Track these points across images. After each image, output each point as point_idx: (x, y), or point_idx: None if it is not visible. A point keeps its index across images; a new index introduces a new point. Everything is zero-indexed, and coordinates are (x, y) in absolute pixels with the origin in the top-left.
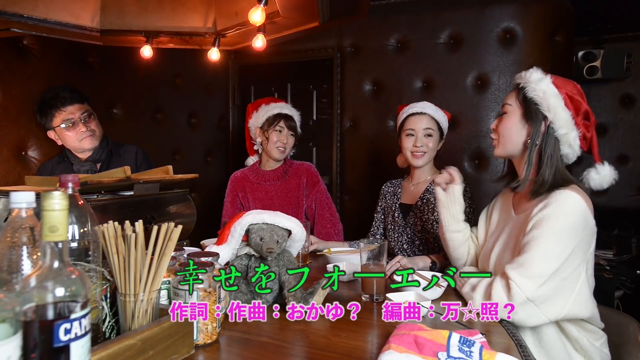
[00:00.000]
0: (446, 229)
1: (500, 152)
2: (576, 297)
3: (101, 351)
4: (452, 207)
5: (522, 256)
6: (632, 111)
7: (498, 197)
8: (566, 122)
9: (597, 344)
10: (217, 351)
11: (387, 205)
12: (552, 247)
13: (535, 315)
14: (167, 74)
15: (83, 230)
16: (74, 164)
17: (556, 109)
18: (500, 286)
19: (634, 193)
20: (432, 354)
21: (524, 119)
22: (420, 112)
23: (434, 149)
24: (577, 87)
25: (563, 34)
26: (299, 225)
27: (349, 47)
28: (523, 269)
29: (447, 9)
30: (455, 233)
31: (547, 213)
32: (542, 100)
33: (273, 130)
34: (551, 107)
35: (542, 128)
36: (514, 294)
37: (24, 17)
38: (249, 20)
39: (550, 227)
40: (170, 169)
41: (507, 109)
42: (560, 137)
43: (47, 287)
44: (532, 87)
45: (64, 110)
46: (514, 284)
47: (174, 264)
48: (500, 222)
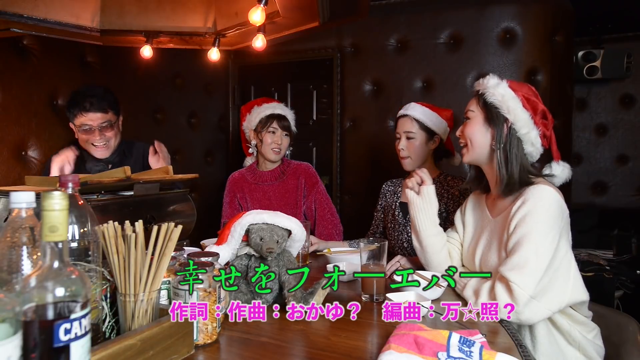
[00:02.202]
0: (425, 234)
1: (469, 158)
2: (574, 282)
3: (101, 351)
4: (429, 210)
5: (515, 256)
6: (632, 111)
7: (469, 198)
8: (526, 122)
9: (589, 336)
10: (217, 351)
11: (388, 204)
12: (541, 242)
13: (540, 311)
14: (167, 74)
15: (83, 230)
16: (87, 162)
17: (515, 111)
18: (502, 290)
19: (634, 193)
20: (432, 354)
21: (487, 122)
22: (404, 115)
23: (419, 151)
24: (532, 89)
25: (563, 34)
26: (299, 225)
27: (349, 47)
28: (519, 268)
29: (447, 9)
30: (435, 237)
31: (528, 210)
32: (501, 104)
33: (266, 132)
34: (510, 109)
35: (504, 130)
36: (517, 295)
37: (24, 17)
38: (249, 20)
39: (535, 222)
40: (170, 169)
41: (469, 115)
42: (522, 136)
43: (47, 287)
44: (491, 92)
45: (85, 115)
46: (515, 285)
47: (174, 264)
48: (477, 224)
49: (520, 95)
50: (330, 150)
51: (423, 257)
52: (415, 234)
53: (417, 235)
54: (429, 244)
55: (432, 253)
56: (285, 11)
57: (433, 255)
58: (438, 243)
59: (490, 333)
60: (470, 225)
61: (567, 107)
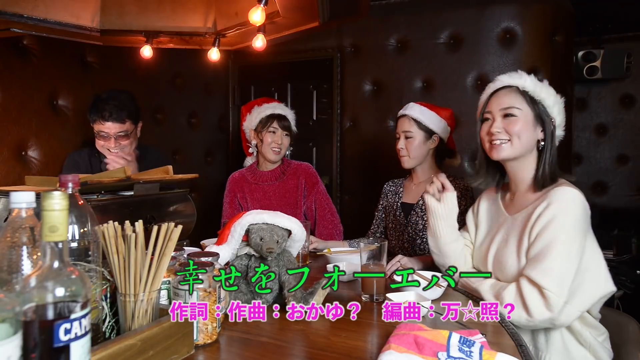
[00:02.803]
0: (445, 240)
1: (510, 153)
2: (605, 274)
3: (101, 351)
4: (450, 217)
5: (545, 262)
6: (632, 111)
7: (481, 197)
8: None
9: (600, 339)
10: (217, 351)
11: (389, 204)
12: (570, 247)
13: (573, 313)
14: (167, 74)
15: (83, 230)
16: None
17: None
18: (534, 296)
19: (634, 193)
20: (432, 354)
21: (537, 120)
22: (403, 115)
23: (417, 150)
24: None
25: (563, 34)
26: (299, 225)
27: (349, 47)
28: (551, 274)
29: (447, 9)
30: (455, 243)
31: (554, 213)
32: (551, 104)
33: (267, 132)
34: (556, 110)
35: (551, 128)
36: (553, 302)
37: (24, 17)
38: (249, 20)
39: (563, 226)
40: (170, 169)
41: (515, 112)
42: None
43: (47, 287)
44: (538, 91)
45: (103, 124)
46: (550, 293)
47: (174, 264)
48: (491, 222)
49: (559, 96)
50: (330, 150)
51: (442, 261)
52: (433, 240)
53: (435, 242)
54: (449, 250)
55: (451, 258)
56: (285, 11)
57: (450, 259)
58: (458, 249)
59: (490, 333)
60: (483, 223)
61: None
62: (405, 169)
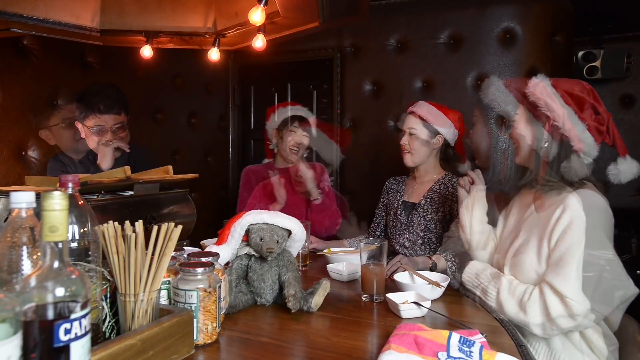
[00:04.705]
0: (469, 230)
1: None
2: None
3: (101, 351)
4: (476, 209)
5: (565, 269)
6: (632, 111)
7: (515, 198)
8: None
9: (611, 348)
10: (217, 351)
11: (390, 202)
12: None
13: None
14: (167, 74)
15: (83, 230)
16: None
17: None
18: (557, 304)
19: (634, 193)
20: (432, 354)
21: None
22: (410, 111)
23: (419, 147)
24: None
25: (563, 34)
26: (299, 225)
27: (349, 47)
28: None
29: (447, 9)
30: (479, 234)
31: (570, 220)
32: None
33: (287, 131)
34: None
35: (546, 127)
36: (576, 310)
37: (24, 17)
38: (249, 20)
39: (581, 233)
40: (170, 169)
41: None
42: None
43: (47, 287)
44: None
45: (99, 117)
46: (572, 302)
47: (174, 264)
48: (519, 220)
49: (560, 91)
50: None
51: (470, 251)
52: (461, 230)
53: (463, 231)
54: (474, 240)
55: (476, 249)
56: (285, 11)
57: (476, 251)
58: (482, 240)
59: (491, 333)
60: (513, 217)
61: None
62: (407, 166)
